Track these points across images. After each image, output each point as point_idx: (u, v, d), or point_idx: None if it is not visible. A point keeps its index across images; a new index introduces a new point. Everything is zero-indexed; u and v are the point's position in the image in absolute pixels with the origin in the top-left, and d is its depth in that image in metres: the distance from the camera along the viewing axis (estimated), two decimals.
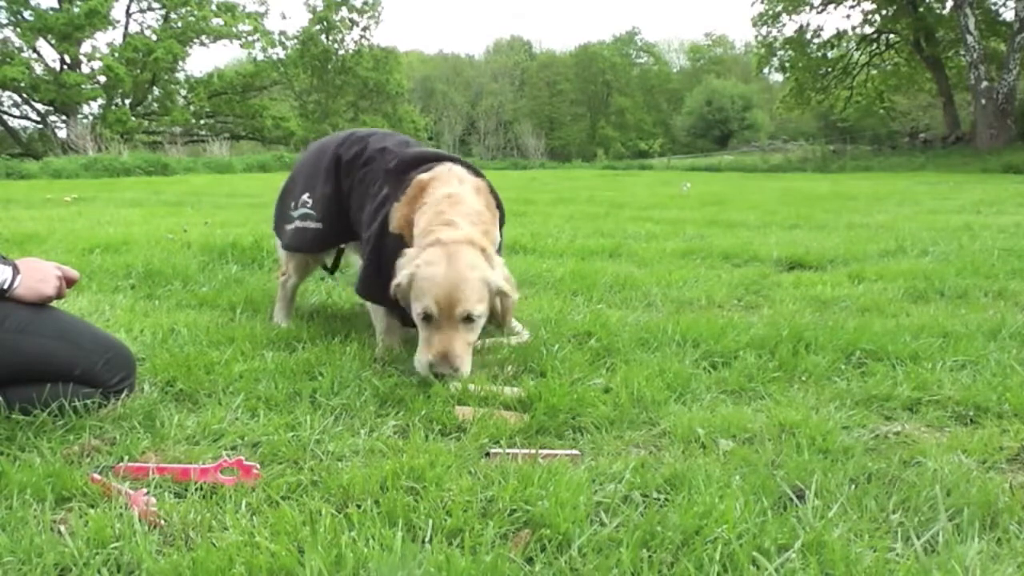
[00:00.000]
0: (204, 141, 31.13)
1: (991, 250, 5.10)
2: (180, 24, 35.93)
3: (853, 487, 1.69)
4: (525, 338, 2.85)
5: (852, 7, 37.18)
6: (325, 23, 39.33)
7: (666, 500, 1.64)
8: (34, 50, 32.69)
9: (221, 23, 36.10)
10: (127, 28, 35.62)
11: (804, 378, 2.49)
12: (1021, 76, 24.96)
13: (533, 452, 1.85)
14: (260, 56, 38.59)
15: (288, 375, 2.41)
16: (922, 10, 29.93)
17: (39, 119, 36.06)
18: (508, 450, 1.86)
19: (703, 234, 6.34)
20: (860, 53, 33.44)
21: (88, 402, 2.05)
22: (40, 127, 36.13)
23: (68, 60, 33.14)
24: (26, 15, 31.54)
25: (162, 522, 1.52)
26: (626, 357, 2.65)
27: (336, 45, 40.05)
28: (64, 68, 33.04)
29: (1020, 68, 24.61)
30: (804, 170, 25.56)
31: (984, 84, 24.88)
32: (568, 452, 1.90)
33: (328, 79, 39.76)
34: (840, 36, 33.16)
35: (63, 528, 1.50)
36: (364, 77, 39.71)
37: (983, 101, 25.00)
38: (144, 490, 1.64)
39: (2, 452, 1.83)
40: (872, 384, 2.39)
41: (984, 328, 3.00)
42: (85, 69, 33.65)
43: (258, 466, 1.75)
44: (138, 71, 34.32)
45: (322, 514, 1.52)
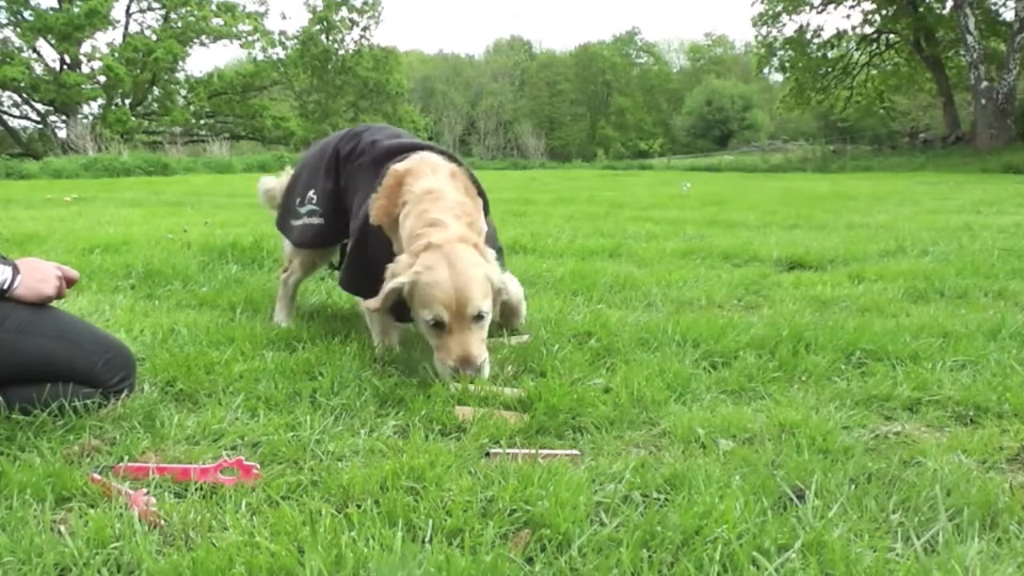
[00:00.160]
0: (204, 141, 31.12)
1: (991, 250, 5.10)
2: (180, 24, 35.94)
3: (853, 487, 1.69)
4: (525, 339, 2.85)
5: (852, 7, 37.20)
6: (325, 23, 39.34)
7: (666, 500, 1.64)
8: (34, 50, 32.74)
9: (221, 23, 36.11)
10: (127, 28, 35.68)
11: (804, 378, 2.49)
12: (1021, 76, 24.95)
13: (533, 452, 1.85)
14: (260, 56, 38.65)
15: (288, 375, 2.41)
16: (922, 10, 29.93)
17: (39, 119, 36.11)
18: (508, 450, 1.86)
19: (703, 234, 6.34)
20: (860, 53, 33.43)
21: (88, 402, 2.05)
22: (40, 127, 36.15)
23: (68, 60, 33.15)
24: (26, 15, 31.57)
25: (162, 522, 1.52)
26: (626, 357, 2.65)
27: (336, 45, 40.07)
28: (64, 68, 33.04)
29: (1020, 68, 24.60)
30: (804, 170, 25.56)
31: (984, 84, 24.88)
32: (568, 452, 1.90)
33: (328, 79, 39.77)
34: (840, 36, 33.16)
35: (63, 528, 1.50)
36: (364, 77, 39.72)
37: (983, 101, 24.99)
38: (144, 490, 1.64)
39: (2, 452, 1.83)
40: (872, 384, 2.39)
41: (984, 328, 3.00)
42: (85, 69, 33.68)
43: (258, 466, 1.75)
44: (138, 71, 34.34)
45: (322, 514, 1.52)
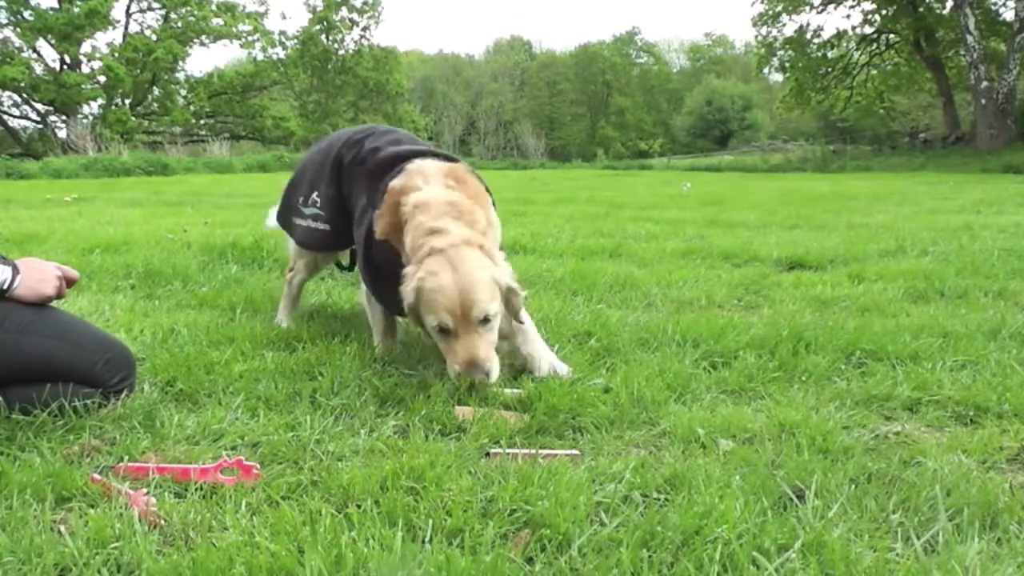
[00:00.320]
0: (204, 141, 31.14)
1: (991, 250, 5.10)
2: (180, 24, 35.93)
3: (853, 487, 1.69)
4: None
5: (852, 7, 37.09)
6: (325, 23, 39.33)
7: (666, 500, 1.64)
8: (34, 50, 32.73)
9: (221, 23, 36.09)
10: (127, 28, 35.66)
11: (804, 378, 2.49)
12: (1021, 76, 24.94)
13: (533, 452, 1.85)
14: (260, 56, 38.62)
15: (288, 375, 2.41)
16: (922, 10, 29.92)
17: (39, 119, 36.11)
18: (508, 450, 1.86)
19: (703, 234, 6.34)
20: (860, 53, 33.41)
21: (88, 402, 2.05)
22: (40, 127, 36.15)
23: (68, 60, 33.14)
24: (26, 15, 31.57)
25: (162, 522, 1.52)
26: (626, 357, 2.65)
27: (336, 45, 40.06)
28: (64, 68, 33.04)
29: (1020, 68, 24.59)
30: (804, 170, 25.55)
31: (984, 84, 24.87)
32: (568, 452, 1.90)
33: (328, 79, 39.76)
34: (840, 36, 33.14)
35: (63, 528, 1.50)
36: (364, 77, 39.71)
37: (983, 101, 24.98)
38: (144, 490, 1.64)
39: (2, 452, 1.83)
40: (872, 384, 2.39)
41: (984, 328, 3.00)
42: (85, 69, 33.67)
43: (258, 466, 1.75)
44: (138, 71, 34.33)
45: (322, 514, 1.52)
